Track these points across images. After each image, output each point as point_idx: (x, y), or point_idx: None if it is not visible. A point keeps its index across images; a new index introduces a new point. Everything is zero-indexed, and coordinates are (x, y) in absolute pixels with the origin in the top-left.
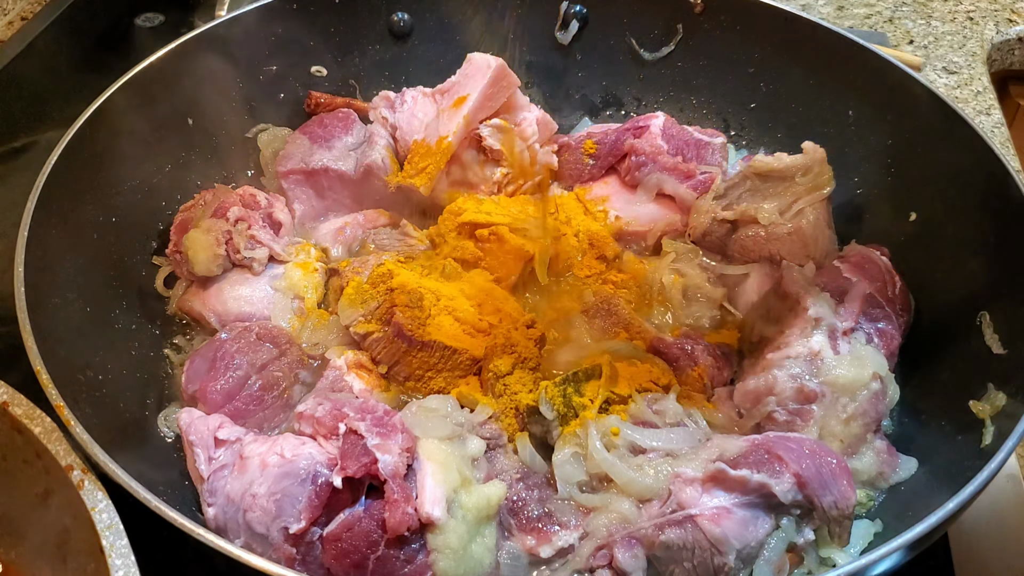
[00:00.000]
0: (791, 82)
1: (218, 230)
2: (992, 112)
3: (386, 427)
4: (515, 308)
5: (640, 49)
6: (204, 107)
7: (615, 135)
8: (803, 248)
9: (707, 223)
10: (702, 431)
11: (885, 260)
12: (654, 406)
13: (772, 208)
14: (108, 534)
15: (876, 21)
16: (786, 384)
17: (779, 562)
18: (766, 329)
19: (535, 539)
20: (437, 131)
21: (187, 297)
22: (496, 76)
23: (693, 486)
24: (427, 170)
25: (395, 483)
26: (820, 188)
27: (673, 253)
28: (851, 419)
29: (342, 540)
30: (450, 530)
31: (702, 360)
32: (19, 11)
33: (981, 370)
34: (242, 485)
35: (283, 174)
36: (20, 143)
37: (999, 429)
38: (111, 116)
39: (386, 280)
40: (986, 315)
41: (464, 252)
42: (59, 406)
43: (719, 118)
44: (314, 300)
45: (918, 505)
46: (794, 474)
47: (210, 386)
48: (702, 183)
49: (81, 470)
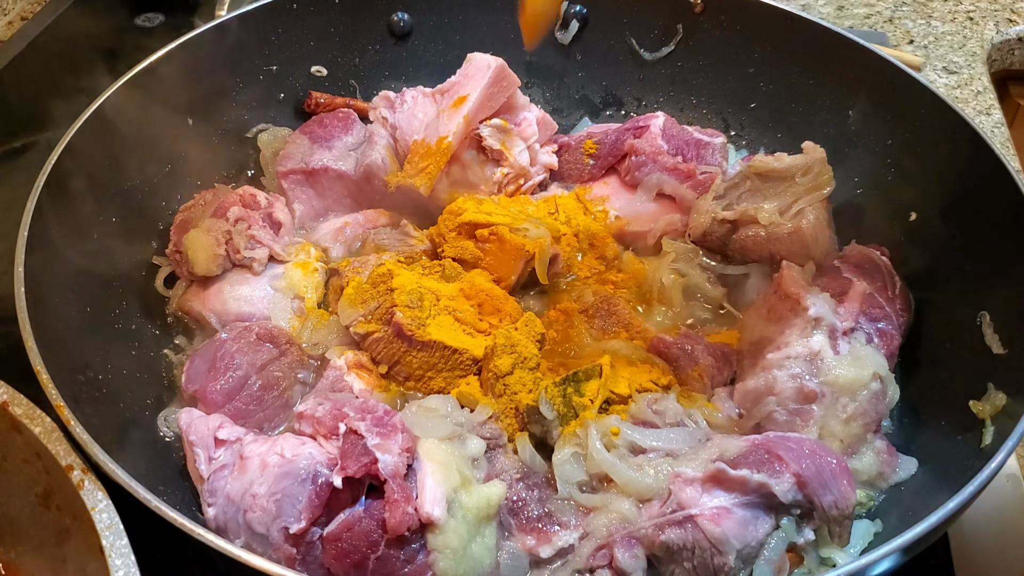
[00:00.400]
0: (791, 82)
1: (218, 230)
2: (992, 112)
3: (386, 427)
4: (515, 308)
5: (640, 49)
6: (204, 107)
7: (615, 135)
8: (803, 248)
9: (707, 223)
10: (702, 431)
11: (885, 260)
12: (654, 406)
13: (772, 208)
14: (108, 534)
15: (876, 21)
16: (786, 384)
17: (779, 562)
18: (766, 329)
19: (535, 539)
20: (437, 131)
21: (187, 297)
22: (496, 76)
23: (693, 486)
24: (427, 170)
25: (395, 483)
26: (820, 188)
27: (673, 253)
28: (851, 419)
29: (342, 540)
30: (450, 530)
31: (702, 360)
32: (19, 11)
33: (981, 370)
34: (242, 485)
35: (283, 174)
36: (20, 143)
37: (999, 429)
38: (111, 116)
39: (386, 280)
40: (986, 315)
41: (464, 252)
42: (59, 406)
43: (719, 118)
44: (314, 300)
45: (918, 505)
46: (794, 474)
47: (210, 386)
48: (702, 183)
49: (81, 470)
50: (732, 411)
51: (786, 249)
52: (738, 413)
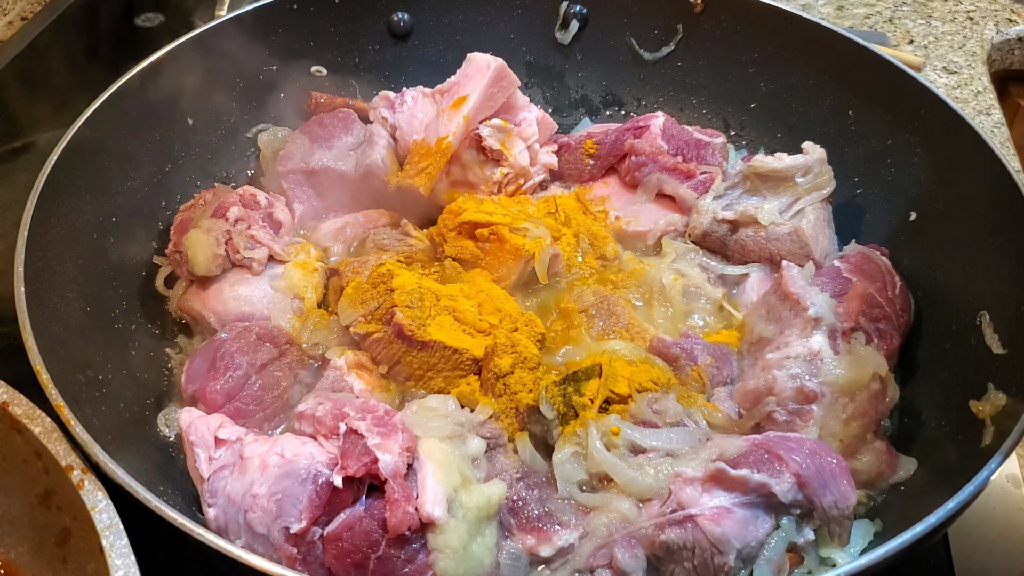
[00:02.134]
0: (791, 82)
1: (218, 230)
2: (992, 112)
3: (387, 427)
4: (515, 308)
5: (640, 49)
6: (204, 107)
7: (615, 135)
8: (803, 248)
9: (707, 223)
10: (702, 431)
11: (885, 260)
12: (654, 406)
13: (772, 208)
14: (108, 534)
15: (876, 21)
16: (786, 384)
17: (779, 562)
18: (766, 329)
19: (535, 538)
20: (437, 131)
21: (187, 297)
22: (496, 76)
23: (693, 486)
24: (427, 170)
25: (396, 482)
26: (820, 188)
27: (673, 253)
28: (851, 419)
29: (343, 540)
30: (451, 530)
31: (702, 360)
32: (19, 11)
33: (981, 370)
34: (243, 486)
35: (283, 174)
36: (20, 143)
37: (999, 429)
38: (111, 116)
39: (386, 280)
40: (986, 315)
41: (464, 252)
42: (59, 406)
43: (719, 118)
44: (314, 300)
45: (918, 505)
46: (794, 474)
47: (210, 386)
48: (702, 183)
49: (81, 470)
50: (732, 411)
51: (786, 249)
52: (738, 413)
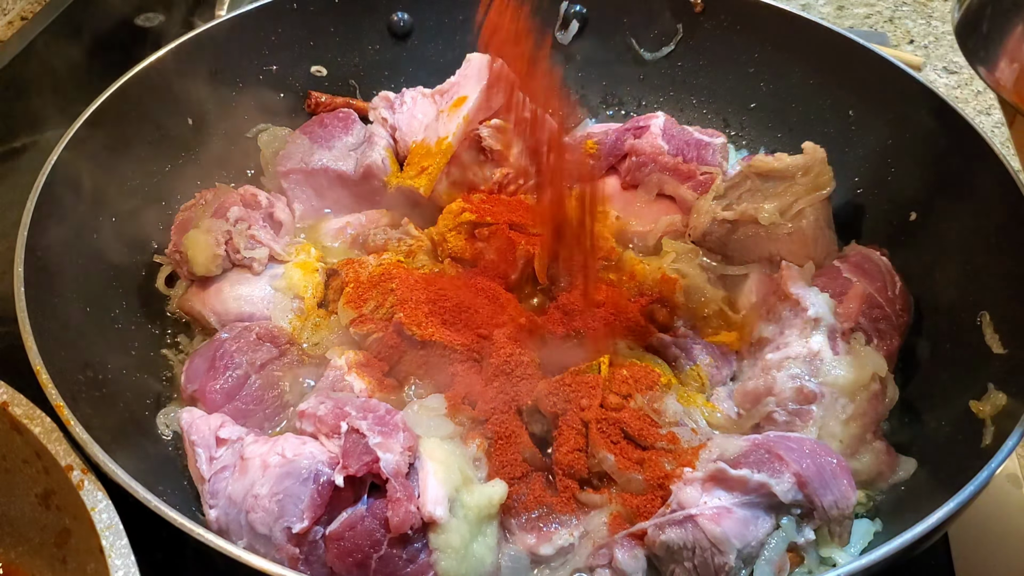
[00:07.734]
0: (791, 82)
1: (218, 230)
2: (992, 112)
3: (388, 426)
4: (515, 308)
5: (640, 49)
6: (204, 107)
7: (615, 135)
8: (803, 248)
9: (707, 223)
10: (702, 431)
11: (885, 260)
12: (654, 406)
13: (772, 208)
14: (108, 534)
15: (876, 21)
16: (786, 384)
17: (779, 561)
18: (766, 329)
19: (536, 538)
20: (437, 132)
21: (187, 297)
22: (496, 76)
23: (693, 486)
24: (427, 171)
25: (397, 482)
26: (820, 188)
27: (673, 253)
28: (850, 420)
29: (345, 539)
30: (452, 529)
31: (701, 359)
32: (19, 11)
33: (981, 370)
34: (244, 486)
35: (283, 174)
36: (20, 143)
37: (999, 429)
38: (111, 116)
39: (386, 280)
40: (986, 315)
41: (464, 252)
42: (59, 406)
43: (719, 118)
44: (314, 300)
45: (918, 505)
46: (794, 474)
47: (210, 386)
48: (702, 183)
49: (81, 470)
50: (732, 411)
51: (786, 249)
52: (738, 413)
